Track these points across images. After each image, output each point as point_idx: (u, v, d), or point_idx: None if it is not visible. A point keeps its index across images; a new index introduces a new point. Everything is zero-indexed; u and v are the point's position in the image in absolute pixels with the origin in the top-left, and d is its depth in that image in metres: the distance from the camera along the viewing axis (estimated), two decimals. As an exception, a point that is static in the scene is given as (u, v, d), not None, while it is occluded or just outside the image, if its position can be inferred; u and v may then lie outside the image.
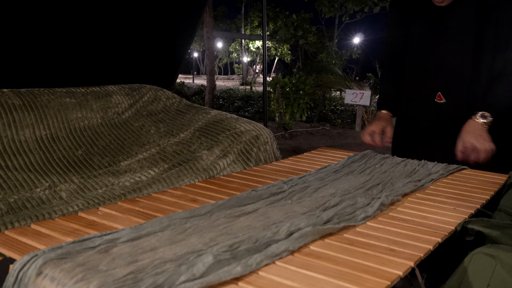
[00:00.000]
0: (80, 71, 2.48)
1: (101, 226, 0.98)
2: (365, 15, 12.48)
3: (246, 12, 24.90)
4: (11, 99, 1.92)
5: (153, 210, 1.09)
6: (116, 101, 2.26)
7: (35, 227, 0.96)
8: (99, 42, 2.52)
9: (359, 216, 1.05)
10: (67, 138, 1.92)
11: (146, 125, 2.18)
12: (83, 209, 1.40)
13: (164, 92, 2.52)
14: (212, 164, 1.82)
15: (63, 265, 0.74)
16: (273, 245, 0.85)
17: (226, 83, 23.32)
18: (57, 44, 2.33)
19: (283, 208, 1.09)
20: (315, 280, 0.75)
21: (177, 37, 2.99)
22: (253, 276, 0.75)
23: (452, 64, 1.70)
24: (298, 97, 8.18)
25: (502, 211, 1.30)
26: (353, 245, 0.90)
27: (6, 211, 1.37)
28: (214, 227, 0.95)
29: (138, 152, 1.94)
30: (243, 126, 2.11)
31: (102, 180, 1.65)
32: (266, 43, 4.22)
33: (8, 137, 1.76)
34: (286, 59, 21.91)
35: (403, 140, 1.92)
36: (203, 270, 0.73)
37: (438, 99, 1.74)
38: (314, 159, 1.71)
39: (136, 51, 2.72)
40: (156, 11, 2.73)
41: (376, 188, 1.30)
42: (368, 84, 10.76)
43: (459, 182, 1.43)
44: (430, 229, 1.01)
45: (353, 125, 8.30)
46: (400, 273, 0.79)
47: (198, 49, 29.97)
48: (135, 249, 0.82)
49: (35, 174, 1.63)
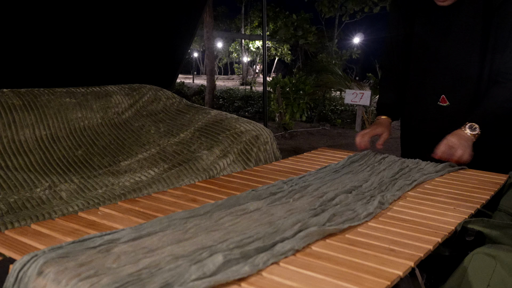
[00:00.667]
0: (80, 71, 2.48)
1: (101, 226, 0.98)
2: (365, 15, 12.49)
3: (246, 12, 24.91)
4: (11, 99, 1.92)
5: (153, 210, 1.09)
6: (116, 101, 2.26)
7: (35, 227, 0.96)
8: (99, 42, 2.52)
9: (362, 214, 1.06)
10: (67, 138, 1.92)
11: (146, 125, 2.18)
12: (83, 209, 1.40)
13: (164, 92, 2.52)
14: (212, 164, 1.82)
15: (65, 264, 0.74)
16: (279, 244, 0.86)
17: (226, 83, 23.32)
18: (57, 44, 2.33)
19: (285, 206, 1.10)
20: (315, 280, 0.75)
21: (177, 37, 2.99)
22: (254, 276, 0.75)
23: (457, 66, 1.68)
24: (298, 97, 8.19)
25: (502, 211, 1.29)
26: (353, 245, 0.90)
27: (6, 211, 1.37)
28: (220, 225, 0.96)
29: (138, 152, 1.94)
30: (243, 126, 2.11)
31: (102, 180, 1.65)
32: (266, 43, 4.22)
33: (8, 137, 1.76)
34: (286, 59, 21.92)
35: (411, 143, 1.91)
36: (213, 269, 0.73)
37: (442, 102, 1.72)
38: (314, 159, 1.71)
39: (136, 51, 2.72)
40: (156, 11, 2.73)
41: (376, 187, 1.30)
42: (368, 84, 10.76)
43: (459, 182, 1.43)
44: (430, 229, 1.01)
45: (353, 125, 8.31)
46: (400, 273, 0.79)
47: (198, 49, 29.98)
48: (137, 248, 0.82)
49: (35, 174, 1.63)
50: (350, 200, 1.17)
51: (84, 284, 0.68)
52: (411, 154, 1.85)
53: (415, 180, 1.38)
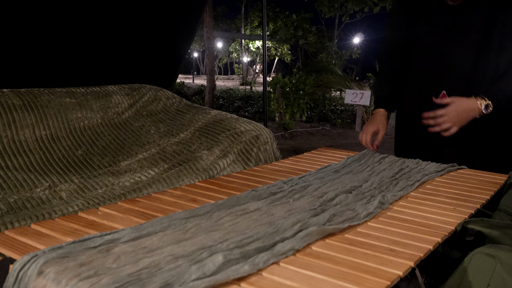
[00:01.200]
0: (80, 71, 2.48)
1: (101, 226, 0.98)
2: (365, 15, 12.48)
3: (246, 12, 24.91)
4: (11, 99, 1.92)
5: (153, 210, 1.09)
6: (116, 101, 2.26)
7: (35, 227, 0.96)
8: (99, 42, 2.52)
9: (362, 214, 1.06)
10: (67, 138, 1.92)
11: (146, 125, 2.18)
12: (83, 209, 1.40)
13: (164, 92, 2.52)
14: (212, 164, 1.82)
15: (65, 264, 0.74)
16: (279, 244, 0.86)
17: (226, 83, 23.32)
18: (57, 44, 2.33)
19: (285, 206, 1.10)
20: (315, 280, 0.75)
21: (177, 37, 2.99)
22: (254, 276, 0.75)
23: (458, 64, 1.68)
24: (298, 97, 8.19)
25: (502, 211, 1.30)
26: (353, 245, 0.90)
27: (6, 211, 1.37)
28: (220, 225, 0.96)
29: (138, 152, 1.94)
30: (243, 126, 2.11)
31: (102, 180, 1.65)
32: (266, 43, 4.22)
33: (8, 137, 1.76)
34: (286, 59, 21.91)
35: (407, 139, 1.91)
36: (213, 269, 0.73)
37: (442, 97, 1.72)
38: (314, 159, 1.71)
39: (136, 51, 2.72)
40: (156, 11, 2.73)
41: (376, 187, 1.30)
42: (368, 84, 10.76)
43: (459, 182, 1.43)
44: (430, 229, 1.01)
45: (353, 125, 8.30)
46: (400, 273, 0.79)
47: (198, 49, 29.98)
48: (137, 248, 0.82)
49: (35, 174, 1.63)
50: (350, 200, 1.17)
51: (84, 284, 0.68)
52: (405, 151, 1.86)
53: (417, 180, 1.38)
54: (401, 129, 1.93)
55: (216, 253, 0.79)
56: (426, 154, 1.71)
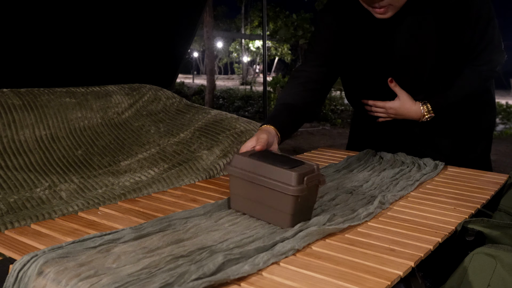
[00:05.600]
0: (80, 71, 2.48)
1: (101, 226, 0.98)
2: (365, 15, 12.48)
3: (246, 12, 24.92)
4: (11, 99, 1.92)
5: (153, 210, 1.09)
6: (116, 101, 2.26)
7: (35, 227, 0.96)
8: (99, 42, 2.52)
9: (362, 214, 1.06)
10: (67, 138, 1.92)
11: (146, 125, 2.18)
12: (83, 209, 1.39)
13: (164, 92, 2.52)
14: (212, 164, 1.82)
15: (65, 264, 0.74)
16: (279, 244, 0.86)
17: (226, 83, 23.32)
18: (57, 44, 2.33)
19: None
20: (315, 280, 0.75)
21: (177, 36, 2.99)
22: (254, 276, 0.75)
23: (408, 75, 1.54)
24: (298, 97, 8.17)
25: (502, 211, 1.30)
26: (353, 245, 0.90)
27: (6, 211, 1.37)
28: (220, 225, 0.96)
29: (138, 152, 1.94)
30: (243, 126, 2.11)
31: (102, 180, 1.65)
32: (266, 43, 4.22)
33: (8, 137, 1.76)
34: (286, 59, 21.91)
35: (361, 132, 1.88)
36: (213, 269, 0.73)
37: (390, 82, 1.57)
38: (314, 159, 1.71)
39: (136, 51, 2.72)
40: (156, 11, 2.73)
41: (376, 187, 1.30)
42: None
43: (459, 182, 1.43)
44: (430, 229, 1.01)
45: (353, 125, 8.29)
46: (400, 273, 0.79)
47: (198, 49, 29.99)
48: (137, 248, 0.82)
49: (35, 174, 1.63)
50: (350, 200, 1.17)
51: (84, 284, 0.68)
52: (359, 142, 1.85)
53: (417, 180, 1.38)
54: (357, 122, 1.91)
55: (216, 253, 0.79)
56: (380, 144, 1.72)
